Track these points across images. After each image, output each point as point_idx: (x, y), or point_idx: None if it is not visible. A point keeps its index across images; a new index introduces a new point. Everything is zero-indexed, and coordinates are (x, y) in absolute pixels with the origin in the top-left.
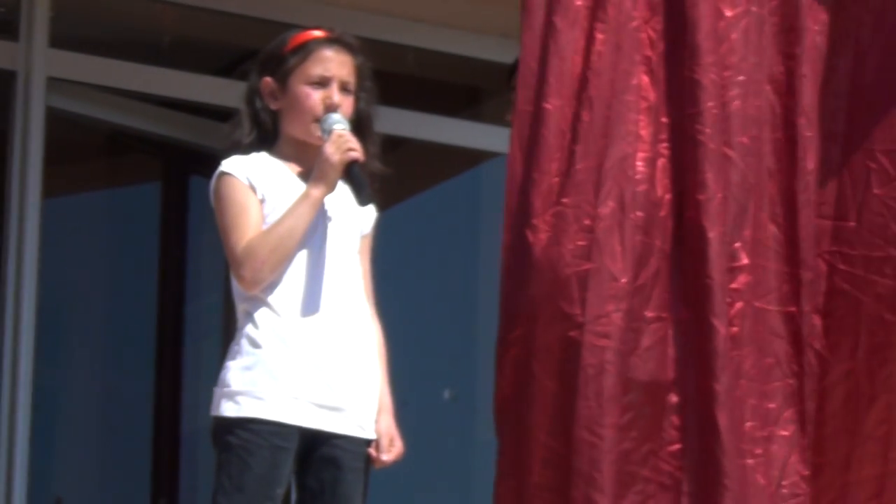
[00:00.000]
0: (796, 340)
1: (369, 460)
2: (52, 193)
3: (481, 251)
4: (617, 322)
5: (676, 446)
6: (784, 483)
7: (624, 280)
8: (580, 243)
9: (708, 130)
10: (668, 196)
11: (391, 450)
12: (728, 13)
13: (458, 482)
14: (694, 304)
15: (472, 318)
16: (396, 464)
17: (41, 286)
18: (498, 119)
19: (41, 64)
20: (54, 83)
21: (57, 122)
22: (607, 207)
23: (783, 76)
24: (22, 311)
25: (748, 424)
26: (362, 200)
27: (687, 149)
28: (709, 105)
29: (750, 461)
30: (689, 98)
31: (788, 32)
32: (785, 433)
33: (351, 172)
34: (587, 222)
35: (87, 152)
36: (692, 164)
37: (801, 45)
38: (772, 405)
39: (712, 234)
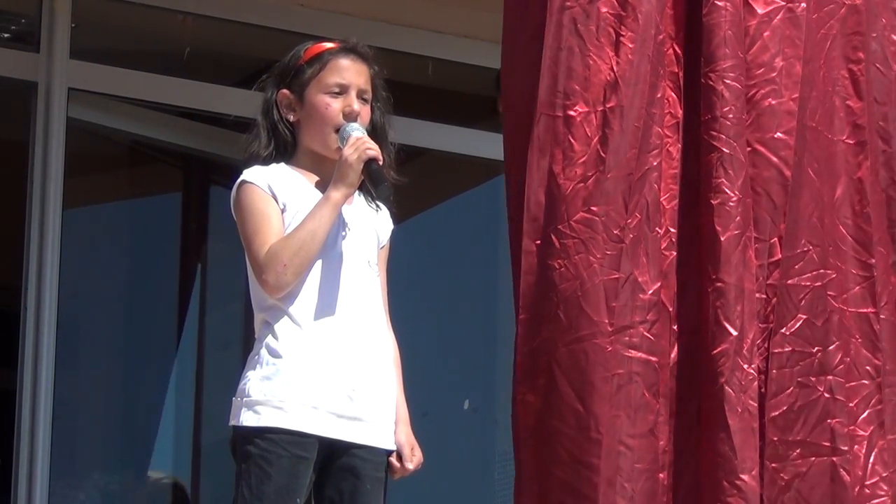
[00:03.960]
0: (871, 342)
1: (388, 470)
2: (73, 204)
3: (501, 261)
4: (643, 333)
5: (717, 457)
6: (867, 483)
7: (650, 292)
8: (609, 252)
9: (723, 136)
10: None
11: (413, 459)
12: (760, 10)
13: (479, 493)
14: (703, 309)
15: (492, 329)
16: (417, 474)
17: (62, 296)
18: None
19: (62, 75)
20: (75, 94)
21: (77, 132)
22: (635, 219)
23: (847, 79)
24: (42, 322)
25: (834, 421)
26: (380, 195)
27: (701, 154)
28: (724, 111)
29: (836, 459)
30: (705, 105)
31: (852, 35)
32: (863, 433)
33: (370, 170)
34: (616, 232)
35: (108, 163)
36: (706, 170)
37: (866, 50)
38: (852, 404)
39: (724, 238)
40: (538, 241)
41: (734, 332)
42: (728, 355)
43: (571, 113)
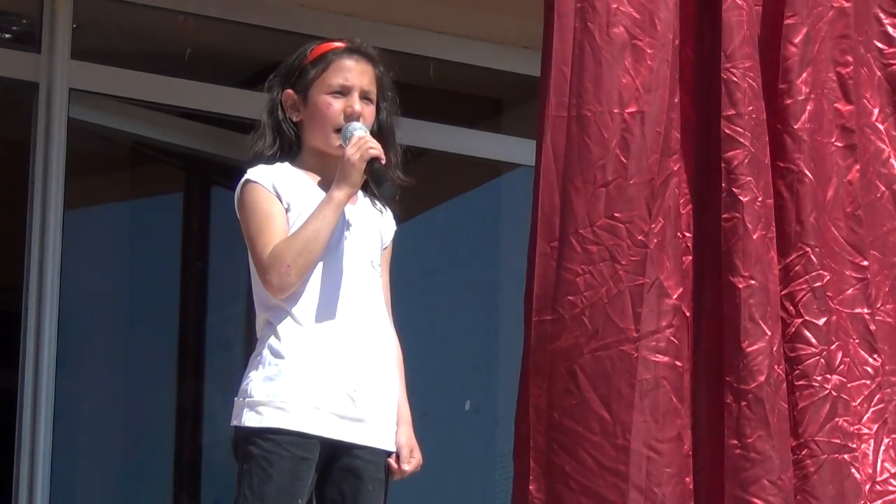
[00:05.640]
0: (868, 343)
1: (389, 471)
2: (74, 204)
3: (502, 262)
4: (669, 337)
5: (751, 453)
6: (878, 480)
7: (675, 296)
8: (633, 258)
9: (748, 134)
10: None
11: (411, 461)
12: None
13: (480, 493)
14: (732, 306)
15: (494, 329)
16: (418, 474)
17: (63, 297)
18: (519, 130)
19: (63, 75)
20: (76, 94)
21: (79, 133)
22: (658, 223)
23: (835, 82)
24: (44, 322)
25: (842, 420)
26: (384, 193)
27: (723, 149)
28: (748, 109)
29: (847, 456)
30: (728, 100)
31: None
32: (869, 431)
33: (372, 169)
34: (640, 238)
35: (109, 163)
36: (731, 167)
37: (854, 52)
38: (856, 403)
39: (756, 236)
40: (553, 244)
41: (769, 332)
42: (765, 354)
43: (586, 112)
